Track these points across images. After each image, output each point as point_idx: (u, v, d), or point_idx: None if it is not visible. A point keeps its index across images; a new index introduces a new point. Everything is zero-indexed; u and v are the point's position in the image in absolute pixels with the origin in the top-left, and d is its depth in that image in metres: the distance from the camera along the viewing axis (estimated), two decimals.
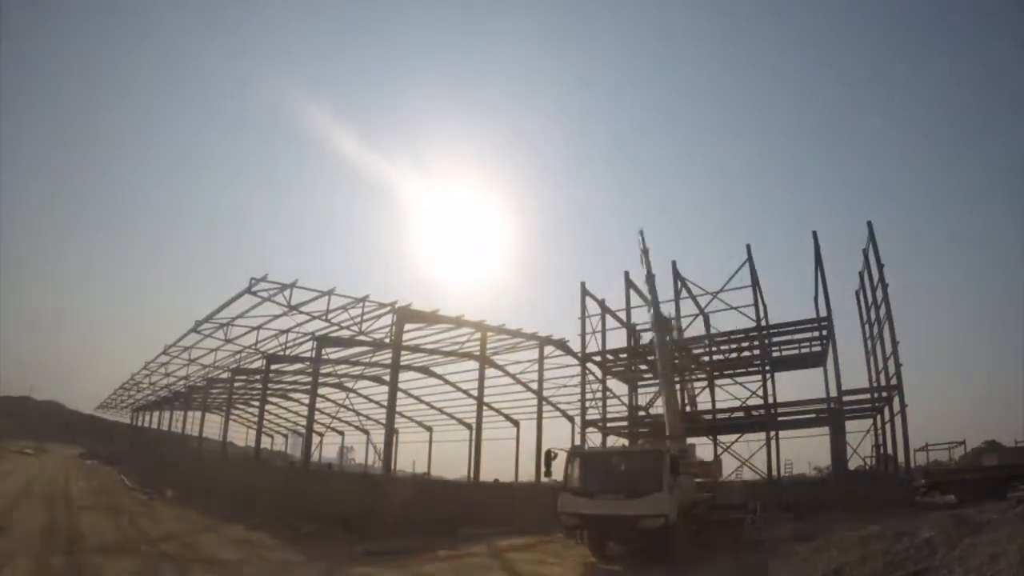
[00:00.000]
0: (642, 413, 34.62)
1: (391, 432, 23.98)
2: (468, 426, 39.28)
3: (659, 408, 25.32)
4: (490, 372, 28.88)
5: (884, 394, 28.92)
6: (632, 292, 35.30)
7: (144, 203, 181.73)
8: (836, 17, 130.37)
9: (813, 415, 33.62)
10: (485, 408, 27.92)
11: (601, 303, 37.09)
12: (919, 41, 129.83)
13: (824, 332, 30.31)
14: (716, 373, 36.47)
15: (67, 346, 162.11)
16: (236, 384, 38.66)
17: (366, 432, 51.61)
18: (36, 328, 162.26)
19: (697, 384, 35.08)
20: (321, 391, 37.05)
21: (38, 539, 11.82)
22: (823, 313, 30.15)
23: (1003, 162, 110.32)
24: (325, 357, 28.40)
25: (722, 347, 34.51)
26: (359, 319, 23.44)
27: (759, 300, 32.03)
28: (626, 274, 34.94)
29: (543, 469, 16.11)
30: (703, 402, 35.71)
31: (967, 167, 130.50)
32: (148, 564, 10.64)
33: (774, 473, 30.16)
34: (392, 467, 25.81)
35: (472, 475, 26.86)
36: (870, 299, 31.72)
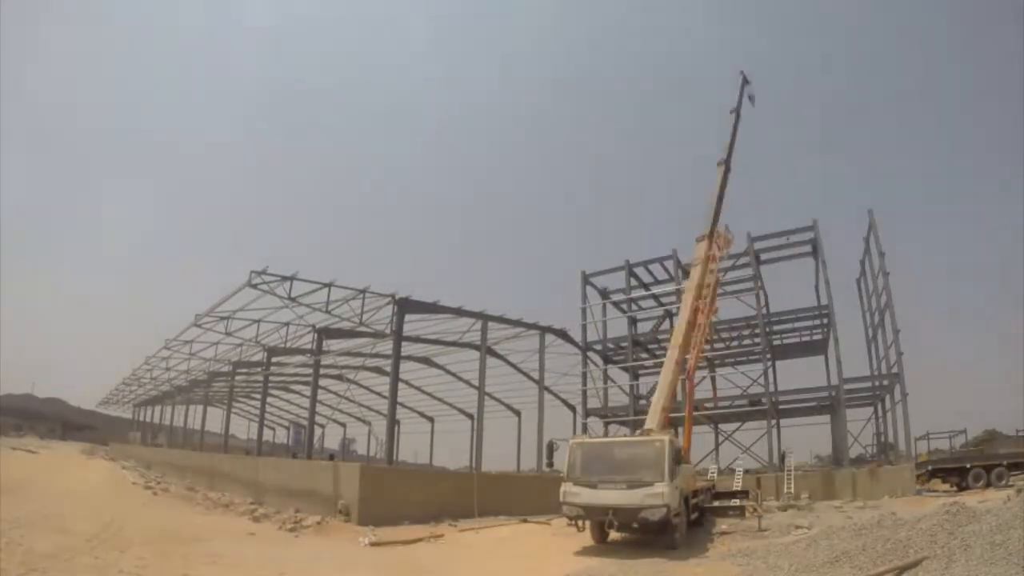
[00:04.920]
0: (643, 402, 34.68)
1: (393, 423, 24.03)
2: (470, 416, 39.38)
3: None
4: (491, 362, 28.89)
5: (885, 382, 28.94)
6: (632, 280, 35.35)
7: (143, 197, 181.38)
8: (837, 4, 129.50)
9: (814, 403, 33.71)
10: (486, 398, 27.95)
11: (602, 292, 37.15)
12: (925, 26, 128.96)
13: (825, 320, 30.33)
14: (717, 361, 36.56)
15: (68, 343, 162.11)
16: (237, 377, 38.71)
17: (368, 423, 51.77)
18: (37, 325, 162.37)
19: (698, 372, 35.19)
20: (322, 383, 37.07)
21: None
22: (824, 301, 30.17)
23: (1008, 147, 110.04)
24: (326, 349, 28.44)
25: (723, 335, 34.54)
26: (360, 311, 23.41)
27: (760, 288, 32.06)
28: (627, 262, 34.96)
29: (545, 460, 16.17)
30: (704, 391, 35.84)
31: (970, 152, 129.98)
32: None
33: (775, 461, 30.24)
34: (394, 457, 25.88)
35: (474, 465, 26.93)
36: (871, 287, 31.72)
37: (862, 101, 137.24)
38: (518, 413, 37.81)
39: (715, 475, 22.68)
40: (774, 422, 31.14)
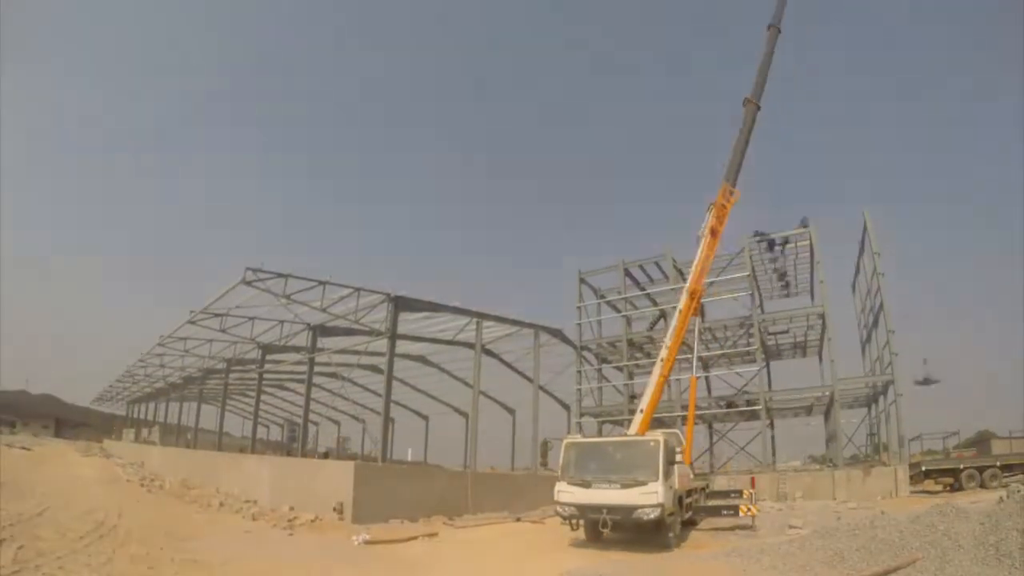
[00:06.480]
0: (637, 400, 34.72)
1: (387, 421, 23.96)
2: (464, 415, 39.35)
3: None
4: (486, 361, 28.85)
5: (879, 383, 29.03)
6: (627, 280, 35.37)
7: (141, 194, 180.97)
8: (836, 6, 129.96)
9: (809, 404, 33.81)
10: (481, 396, 27.92)
11: (598, 292, 37.17)
12: (925, 25, 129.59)
13: (819, 321, 30.42)
14: (712, 362, 36.62)
15: (63, 339, 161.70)
16: (232, 375, 38.57)
17: (362, 421, 51.69)
18: (31, 321, 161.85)
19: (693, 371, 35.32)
20: (317, 381, 37.01)
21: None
22: (818, 302, 30.27)
23: (1004, 151, 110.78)
24: (321, 347, 28.33)
25: (718, 335, 34.63)
26: (355, 309, 23.35)
27: (755, 289, 32.12)
28: (622, 262, 34.98)
29: (539, 459, 16.15)
30: (699, 390, 35.88)
31: (969, 152, 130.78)
32: None
33: (770, 461, 30.34)
34: (389, 455, 25.80)
35: (469, 463, 26.88)
36: (865, 288, 31.82)
37: (860, 99, 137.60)
38: (513, 412, 37.79)
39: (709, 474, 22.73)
40: (768, 422, 31.21)
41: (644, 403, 17.28)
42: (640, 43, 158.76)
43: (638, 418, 16.77)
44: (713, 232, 19.55)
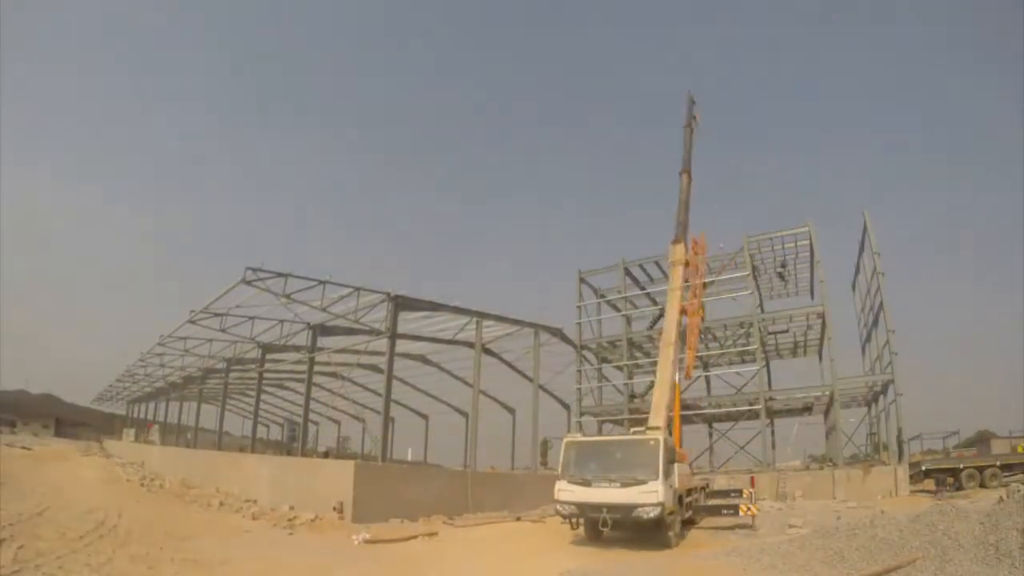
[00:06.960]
0: (637, 400, 34.72)
1: (387, 420, 23.95)
2: (464, 414, 39.32)
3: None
4: (486, 360, 28.82)
5: (879, 383, 29.02)
6: (627, 279, 35.34)
7: (140, 193, 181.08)
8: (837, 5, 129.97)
9: (809, 403, 33.81)
10: (481, 396, 27.88)
11: (598, 291, 37.14)
12: (922, 26, 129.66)
13: (820, 321, 30.40)
14: (712, 361, 36.60)
15: (63, 339, 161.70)
16: (232, 374, 38.58)
17: (362, 421, 51.64)
18: (32, 321, 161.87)
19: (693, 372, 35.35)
20: (317, 380, 36.98)
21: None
22: (818, 301, 30.25)
23: (1003, 149, 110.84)
24: (321, 346, 28.34)
25: (717, 335, 34.61)
26: (355, 308, 23.33)
27: (756, 289, 32.08)
28: (622, 261, 34.95)
29: (539, 458, 16.12)
30: (698, 390, 35.87)
31: (966, 155, 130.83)
32: None
33: (769, 460, 30.33)
34: (388, 455, 25.80)
35: (469, 462, 26.85)
36: (865, 288, 31.80)
37: (859, 100, 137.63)
38: (513, 411, 37.76)
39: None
40: (768, 421, 31.19)
41: (665, 398, 16.86)
42: (641, 41, 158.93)
43: (663, 414, 16.30)
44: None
